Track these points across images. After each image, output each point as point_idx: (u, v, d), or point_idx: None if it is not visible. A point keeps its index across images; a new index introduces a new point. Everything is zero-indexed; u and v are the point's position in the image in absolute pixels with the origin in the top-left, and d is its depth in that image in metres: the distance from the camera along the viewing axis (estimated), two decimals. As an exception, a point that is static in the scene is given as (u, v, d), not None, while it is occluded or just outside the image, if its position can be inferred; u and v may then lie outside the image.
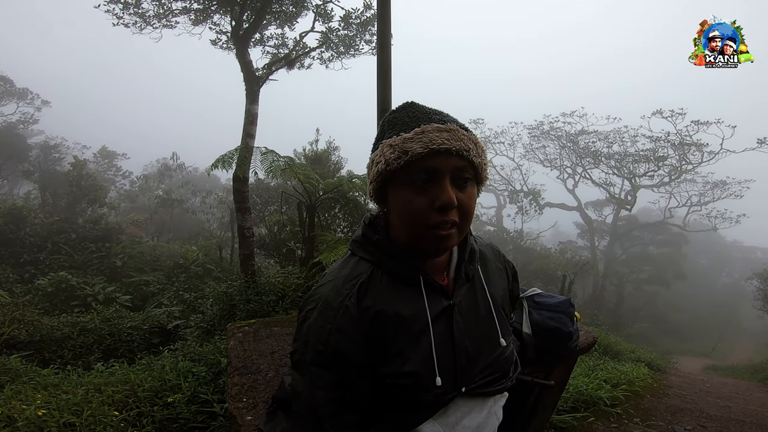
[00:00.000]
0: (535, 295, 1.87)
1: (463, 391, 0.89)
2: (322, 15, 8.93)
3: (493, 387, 0.95)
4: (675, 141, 22.49)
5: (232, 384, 1.97)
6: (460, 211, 0.83)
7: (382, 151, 0.85)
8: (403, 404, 0.85)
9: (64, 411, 2.57)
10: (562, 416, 3.33)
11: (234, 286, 5.72)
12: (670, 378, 7.17)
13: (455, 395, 0.88)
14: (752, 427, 3.94)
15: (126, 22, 8.32)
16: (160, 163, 27.30)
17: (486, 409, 0.95)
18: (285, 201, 10.68)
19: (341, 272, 0.90)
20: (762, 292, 15.85)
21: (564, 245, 28.10)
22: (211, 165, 5.47)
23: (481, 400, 0.94)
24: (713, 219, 25.99)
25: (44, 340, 5.83)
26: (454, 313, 0.90)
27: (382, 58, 3.15)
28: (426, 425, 0.86)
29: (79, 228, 13.46)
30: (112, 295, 9.58)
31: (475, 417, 0.92)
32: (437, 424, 0.88)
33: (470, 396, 0.91)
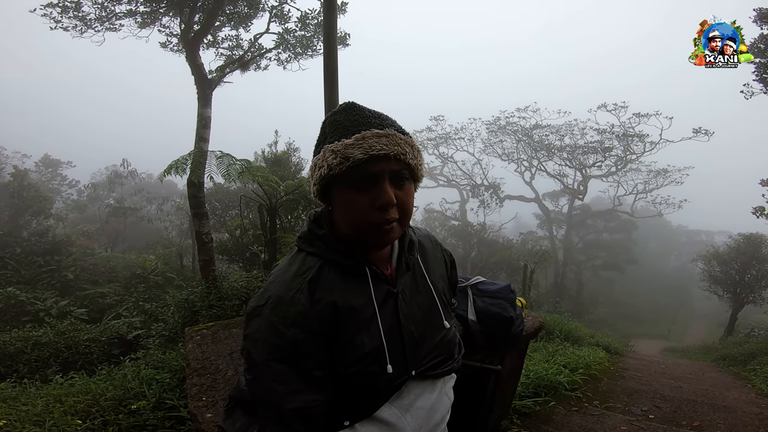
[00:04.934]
0: (478, 282, 1.92)
1: (413, 375, 0.94)
2: (278, 16, 8.87)
3: (441, 369, 1.01)
4: (619, 133, 23.89)
5: (191, 384, 2.02)
6: (399, 207, 0.89)
7: (324, 156, 0.89)
8: (359, 391, 0.89)
9: (25, 422, 2.52)
10: (524, 402, 3.42)
11: (195, 292, 5.65)
12: (626, 361, 7.38)
13: (406, 379, 0.93)
14: (703, 406, 4.11)
15: (65, 26, 7.94)
16: (109, 171, 25.94)
17: (437, 391, 1.01)
18: (246, 204, 10.54)
19: (290, 269, 0.93)
20: (707, 274, 16.52)
21: (525, 236, 29.20)
22: (164, 171, 5.34)
23: (431, 382, 1.00)
24: (658, 205, 27.73)
25: (-3, 355, 5.59)
26: (399, 300, 0.96)
27: (328, 62, 3.21)
28: (383, 410, 0.91)
29: (24, 242, 12.77)
30: (65, 309, 9.18)
31: (427, 398, 0.98)
32: (393, 408, 0.92)
33: (421, 379, 0.97)
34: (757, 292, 14.65)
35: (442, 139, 29.34)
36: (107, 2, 7.83)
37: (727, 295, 15.51)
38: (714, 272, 16.04)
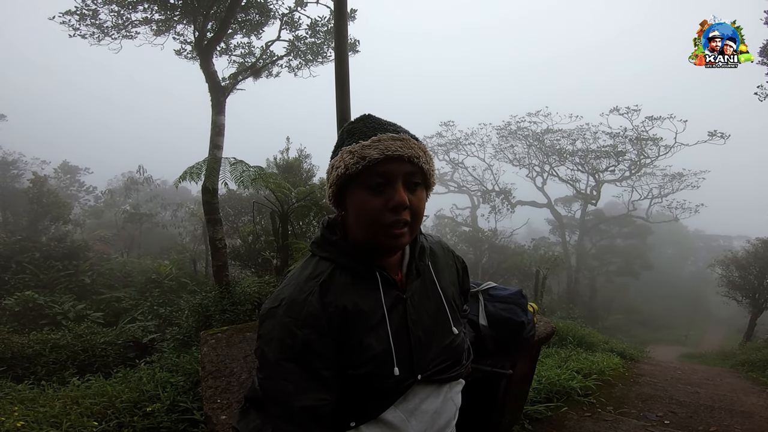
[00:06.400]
0: (489, 288, 1.92)
1: (419, 378, 0.95)
2: (289, 24, 9.00)
3: (447, 374, 1.02)
4: (632, 136, 23.60)
5: (206, 387, 2.06)
6: (411, 211, 0.91)
7: (341, 157, 0.92)
8: (365, 393, 0.91)
9: (42, 423, 2.59)
10: (536, 407, 3.40)
11: (209, 297, 5.73)
12: (641, 366, 7.28)
13: (412, 382, 0.95)
14: (720, 411, 4.05)
15: (83, 33, 8.13)
16: (125, 177, 26.44)
17: (442, 395, 1.02)
18: (258, 211, 10.65)
19: (303, 273, 0.96)
20: (725, 279, 16.19)
21: (537, 242, 28.88)
22: (179, 178, 5.46)
23: (437, 387, 1.01)
24: (674, 210, 27.24)
25: (16, 357, 5.75)
26: (407, 306, 0.98)
27: (339, 69, 3.26)
28: (388, 412, 0.93)
29: (43, 246, 13.04)
30: (82, 313, 9.36)
31: (432, 402, 0.99)
32: (398, 411, 0.94)
33: (427, 383, 0.98)
34: (776, 297, 14.27)
35: (452, 145, 29.34)
36: (123, 10, 8.02)
37: (746, 300, 15.15)
38: (732, 277, 15.67)
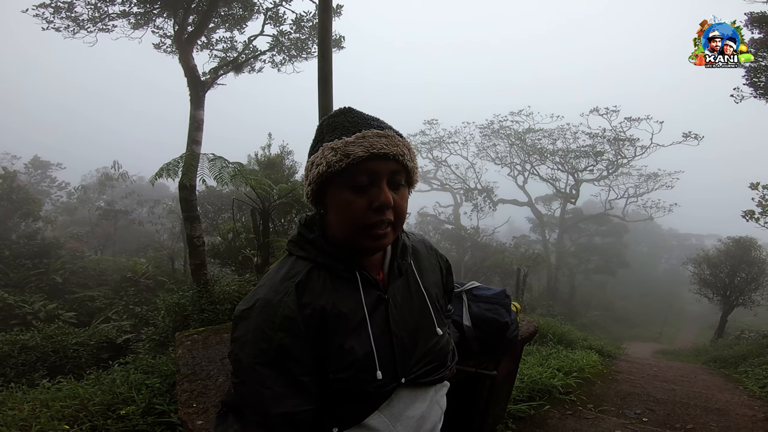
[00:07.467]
0: (473, 288, 1.92)
1: (403, 382, 0.92)
2: (273, 18, 8.84)
3: (432, 376, 0.99)
4: (610, 137, 24.13)
5: (182, 390, 1.98)
6: (394, 211, 0.88)
7: (323, 154, 0.86)
8: (347, 398, 0.87)
9: (11, 426, 2.48)
10: (519, 406, 3.43)
11: (186, 296, 5.58)
12: (619, 363, 7.39)
13: (396, 386, 0.91)
14: (696, 409, 4.14)
15: (57, 26, 7.86)
16: (100, 173, 25.67)
17: (428, 399, 0.99)
18: (239, 208, 10.47)
19: (278, 273, 0.91)
20: (697, 277, 16.53)
21: (518, 240, 29.41)
22: (155, 174, 5.29)
23: (422, 390, 0.98)
24: (649, 209, 28.08)
25: (-17, 359, 5.48)
26: (389, 306, 0.94)
27: (323, 65, 3.22)
28: (372, 417, 0.89)
29: (13, 244, 12.65)
30: (54, 313, 9.05)
31: (418, 407, 0.96)
32: (382, 416, 0.90)
33: (411, 386, 0.95)
34: (746, 294, 14.74)
35: (435, 143, 29.45)
36: (100, 3, 7.77)
37: (717, 297, 15.60)
38: (704, 275, 16.13)
